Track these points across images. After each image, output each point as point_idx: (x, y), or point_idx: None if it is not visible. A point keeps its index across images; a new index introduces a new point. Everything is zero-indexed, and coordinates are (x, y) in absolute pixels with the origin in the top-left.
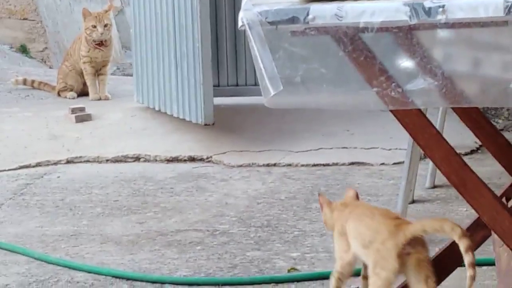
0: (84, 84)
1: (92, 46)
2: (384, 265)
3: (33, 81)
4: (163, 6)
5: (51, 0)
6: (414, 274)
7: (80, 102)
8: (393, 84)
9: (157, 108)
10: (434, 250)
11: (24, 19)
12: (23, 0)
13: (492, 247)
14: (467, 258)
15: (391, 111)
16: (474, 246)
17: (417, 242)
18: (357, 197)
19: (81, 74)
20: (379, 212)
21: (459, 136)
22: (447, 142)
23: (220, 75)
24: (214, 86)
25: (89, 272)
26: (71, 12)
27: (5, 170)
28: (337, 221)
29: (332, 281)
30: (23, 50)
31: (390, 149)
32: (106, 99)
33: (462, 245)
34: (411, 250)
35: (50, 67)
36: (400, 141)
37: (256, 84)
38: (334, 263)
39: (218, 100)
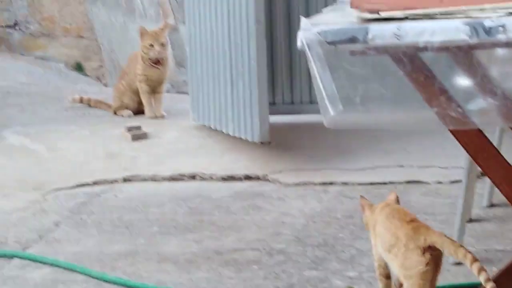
0: (140, 102)
1: (148, 64)
2: (410, 264)
3: (89, 100)
4: (218, 25)
5: (106, 18)
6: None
7: (136, 121)
8: (453, 104)
9: (212, 127)
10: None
11: (80, 37)
12: (78, 18)
13: None
14: (481, 277)
15: (450, 131)
16: (484, 268)
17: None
18: (397, 200)
19: (136, 93)
20: (398, 215)
21: None
22: (507, 162)
23: (275, 93)
24: (269, 104)
25: None
26: (126, 30)
27: (62, 189)
28: (372, 222)
29: (378, 275)
30: (78, 68)
31: (447, 167)
32: (162, 117)
33: (475, 268)
34: (431, 252)
35: (105, 85)
36: (457, 159)
37: (311, 101)
38: None
39: (274, 118)
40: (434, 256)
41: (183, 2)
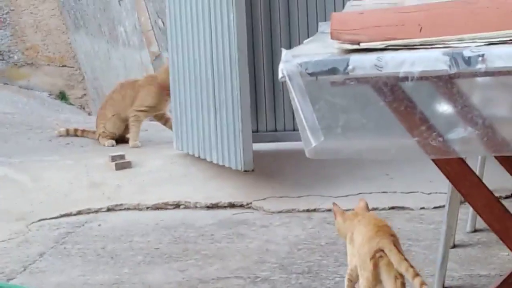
0: (124, 130)
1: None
2: (364, 266)
3: (76, 130)
4: (201, 53)
5: (90, 47)
6: (386, 274)
7: (120, 150)
8: (434, 133)
9: (196, 155)
10: None
11: (63, 66)
12: (61, 47)
13: None
14: None
15: (432, 159)
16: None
17: None
18: (367, 207)
19: (124, 121)
20: (375, 221)
21: (499, 178)
22: (488, 189)
23: (258, 121)
24: (252, 131)
25: None
26: (109, 58)
27: (46, 219)
28: (348, 230)
29: (345, 281)
30: (62, 97)
31: (430, 193)
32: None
33: (417, 283)
34: (383, 254)
35: (89, 114)
36: (439, 185)
37: (294, 129)
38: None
39: (257, 146)
40: (381, 261)
41: (166, 30)
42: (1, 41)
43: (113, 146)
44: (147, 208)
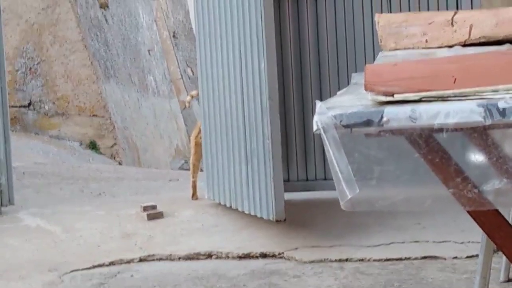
0: None
1: None
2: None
3: None
4: (232, 102)
5: (120, 96)
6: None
7: (152, 200)
8: (469, 184)
9: (228, 205)
10: None
11: (94, 115)
12: (92, 97)
13: None
14: None
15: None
16: None
17: None
18: None
19: None
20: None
21: None
22: None
23: (289, 170)
24: (284, 181)
25: None
26: (139, 107)
27: (79, 270)
28: None
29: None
30: (93, 146)
31: (462, 242)
32: None
33: None
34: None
35: (120, 163)
36: (472, 234)
37: (326, 178)
38: None
39: (288, 195)
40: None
41: (196, 78)
42: (32, 92)
43: None
44: (179, 258)
